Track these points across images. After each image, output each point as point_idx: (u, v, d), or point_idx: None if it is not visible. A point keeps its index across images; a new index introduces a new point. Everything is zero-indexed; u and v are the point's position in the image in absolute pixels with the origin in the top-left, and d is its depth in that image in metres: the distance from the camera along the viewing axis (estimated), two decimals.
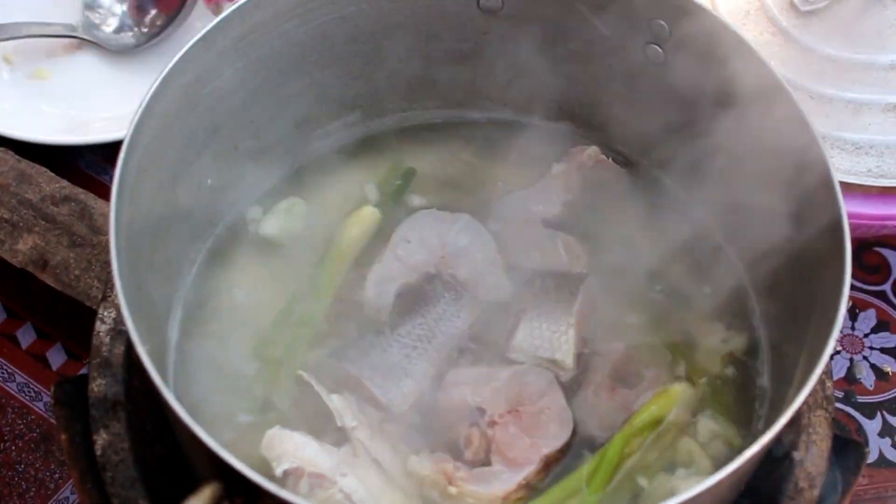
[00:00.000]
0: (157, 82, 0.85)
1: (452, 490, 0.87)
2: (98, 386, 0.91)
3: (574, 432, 0.91)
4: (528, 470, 0.88)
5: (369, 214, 1.02)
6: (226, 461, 0.68)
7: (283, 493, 0.67)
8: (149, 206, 0.87)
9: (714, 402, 0.93)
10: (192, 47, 0.88)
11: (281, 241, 1.01)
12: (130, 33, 1.39)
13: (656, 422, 0.90)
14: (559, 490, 0.88)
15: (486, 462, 0.89)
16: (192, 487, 0.71)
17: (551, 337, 0.94)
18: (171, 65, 0.87)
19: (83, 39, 1.38)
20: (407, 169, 1.07)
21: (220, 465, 0.68)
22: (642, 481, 0.89)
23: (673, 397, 0.91)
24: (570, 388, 0.93)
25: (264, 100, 0.99)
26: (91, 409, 0.89)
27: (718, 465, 0.73)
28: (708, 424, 0.91)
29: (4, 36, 1.34)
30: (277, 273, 1.01)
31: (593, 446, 0.90)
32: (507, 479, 0.87)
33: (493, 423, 0.90)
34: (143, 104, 0.84)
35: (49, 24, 1.37)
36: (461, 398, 0.92)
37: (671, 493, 0.71)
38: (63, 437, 0.89)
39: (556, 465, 0.90)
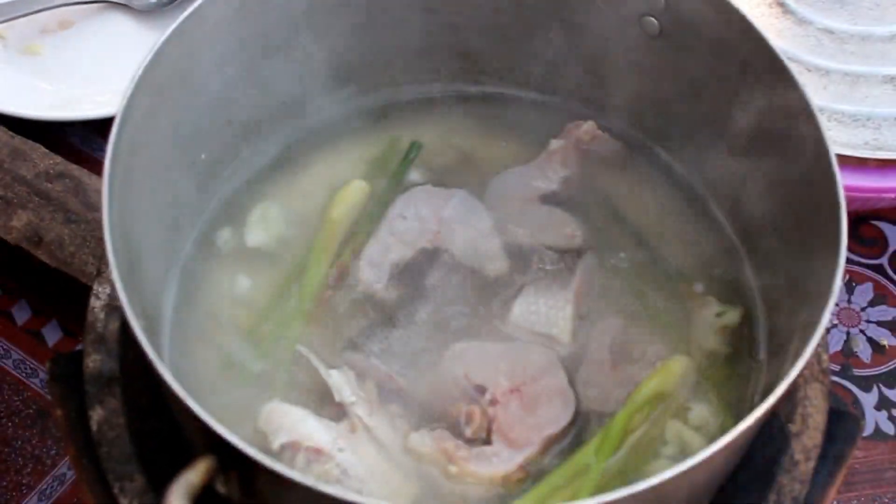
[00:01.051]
0: (150, 56, 0.85)
1: (452, 469, 0.87)
2: (93, 362, 0.91)
3: (576, 412, 0.90)
4: (529, 451, 0.87)
5: (358, 188, 1.01)
6: (220, 435, 0.68)
7: (277, 467, 0.67)
8: (142, 183, 0.87)
9: (709, 377, 0.92)
10: (184, 21, 0.88)
11: (271, 248, 1.00)
12: None
13: (658, 397, 0.90)
14: (565, 469, 0.87)
15: (487, 440, 0.89)
16: (187, 461, 0.71)
17: (548, 312, 0.94)
18: (162, 38, 0.86)
19: (109, 2, 1.38)
20: (413, 142, 1.06)
21: (215, 439, 0.68)
22: (642, 458, 0.88)
23: (673, 372, 0.91)
24: (571, 365, 0.93)
25: (258, 74, 0.98)
26: (86, 385, 0.89)
27: (712, 441, 0.73)
28: (702, 407, 0.91)
29: (38, 7, 1.34)
30: (272, 250, 1.00)
31: (596, 422, 0.90)
32: (507, 460, 0.87)
33: (494, 402, 0.90)
34: (136, 78, 0.84)
35: None
36: (462, 375, 0.91)
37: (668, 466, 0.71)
38: (58, 413, 0.89)
39: (557, 444, 0.89)
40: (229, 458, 0.69)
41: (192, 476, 0.67)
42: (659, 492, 0.70)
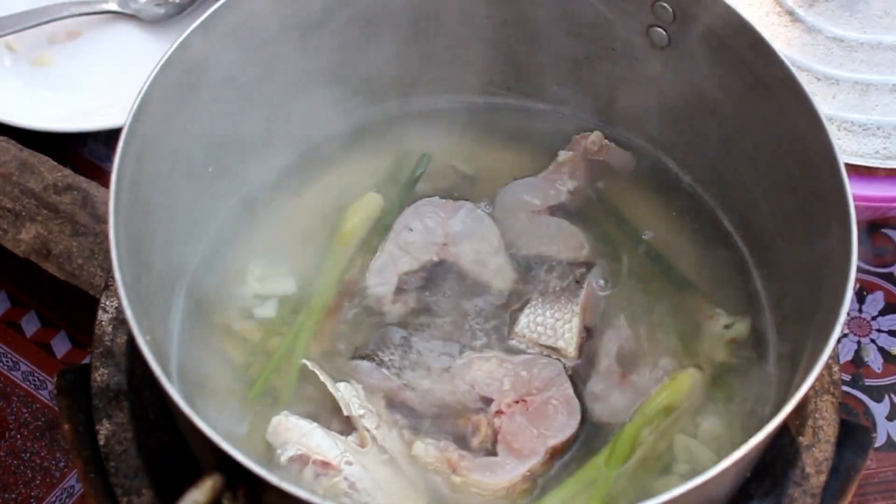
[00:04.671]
0: (156, 69, 0.85)
1: (456, 479, 0.87)
2: (101, 375, 0.90)
3: (582, 422, 0.90)
4: (534, 461, 0.87)
5: (372, 201, 1.01)
6: (227, 452, 0.68)
7: (284, 485, 0.66)
8: (149, 196, 0.87)
9: (719, 390, 0.92)
10: (191, 33, 0.88)
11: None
12: (163, 3, 1.39)
13: (668, 409, 0.90)
14: (573, 482, 0.87)
15: (493, 451, 0.89)
16: (195, 474, 0.71)
17: (555, 324, 0.93)
18: (169, 51, 0.86)
19: (117, 13, 1.39)
20: (422, 154, 1.06)
21: (222, 456, 0.68)
22: (652, 471, 0.88)
23: (682, 384, 0.91)
24: (580, 377, 0.93)
25: (265, 86, 0.98)
26: (94, 398, 0.89)
27: (723, 456, 0.73)
28: (712, 420, 0.90)
29: (46, 18, 1.34)
30: (281, 262, 1.00)
31: (604, 434, 0.90)
32: (511, 470, 0.87)
33: (499, 413, 0.90)
34: (142, 92, 0.84)
35: (86, 2, 1.38)
36: (468, 386, 0.91)
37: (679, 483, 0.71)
38: (66, 427, 0.89)
39: (562, 455, 0.89)
40: (236, 475, 0.69)
41: (199, 495, 0.67)
42: None
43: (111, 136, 1.28)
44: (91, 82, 1.36)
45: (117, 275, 0.76)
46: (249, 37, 0.94)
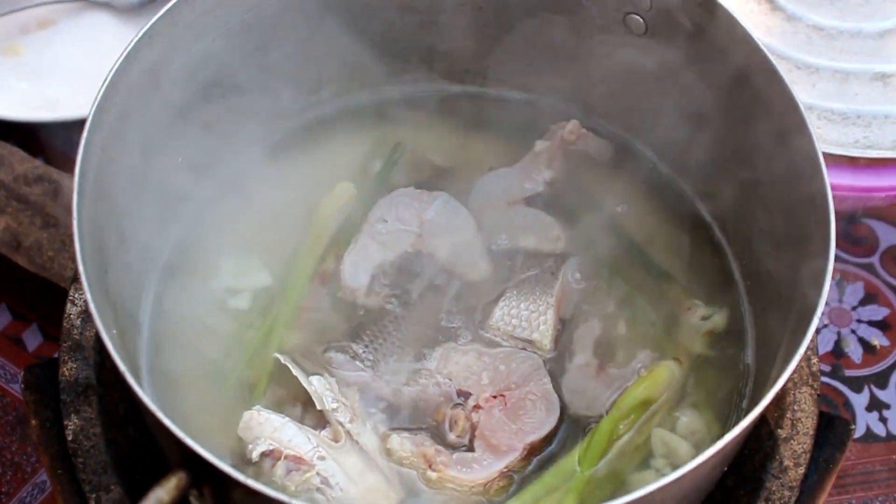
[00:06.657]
0: (121, 59, 0.83)
1: (432, 474, 0.86)
2: (69, 370, 0.89)
3: (560, 417, 0.89)
4: (511, 458, 0.86)
5: (345, 190, 1.00)
6: (192, 449, 0.66)
7: (250, 482, 0.65)
8: (116, 187, 0.86)
9: (697, 382, 0.91)
10: (157, 22, 0.86)
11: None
12: None
13: (645, 403, 0.89)
14: (548, 478, 0.86)
15: (470, 445, 0.88)
16: (165, 470, 0.70)
17: (529, 317, 0.93)
18: (134, 40, 0.85)
19: (90, 2, 1.37)
20: (397, 144, 1.05)
21: (187, 452, 0.67)
22: (629, 465, 0.87)
23: (660, 377, 0.90)
24: (556, 370, 0.92)
25: (236, 75, 0.97)
26: (62, 393, 0.88)
27: (701, 449, 0.72)
28: (689, 414, 0.89)
29: (17, 7, 1.33)
30: (255, 254, 0.98)
31: (582, 428, 0.89)
32: (488, 466, 0.86)
33: (477, 408, 0.89)
34: (106, 82, 0.82)
35: None
36: (445, 380, 0.90)
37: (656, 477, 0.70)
38: (33, 422, 0.87)
39: (540, 452, 0.88)
40: (202, 472, 0.68)
41: (162, 493, 0.66)
42: (647, 501, 0.68)
43: (83, 126, 1.26)
44: (63, 72, 1.34)
45: (81, 268, 0.74)
46: (218, 25, 0.93)
